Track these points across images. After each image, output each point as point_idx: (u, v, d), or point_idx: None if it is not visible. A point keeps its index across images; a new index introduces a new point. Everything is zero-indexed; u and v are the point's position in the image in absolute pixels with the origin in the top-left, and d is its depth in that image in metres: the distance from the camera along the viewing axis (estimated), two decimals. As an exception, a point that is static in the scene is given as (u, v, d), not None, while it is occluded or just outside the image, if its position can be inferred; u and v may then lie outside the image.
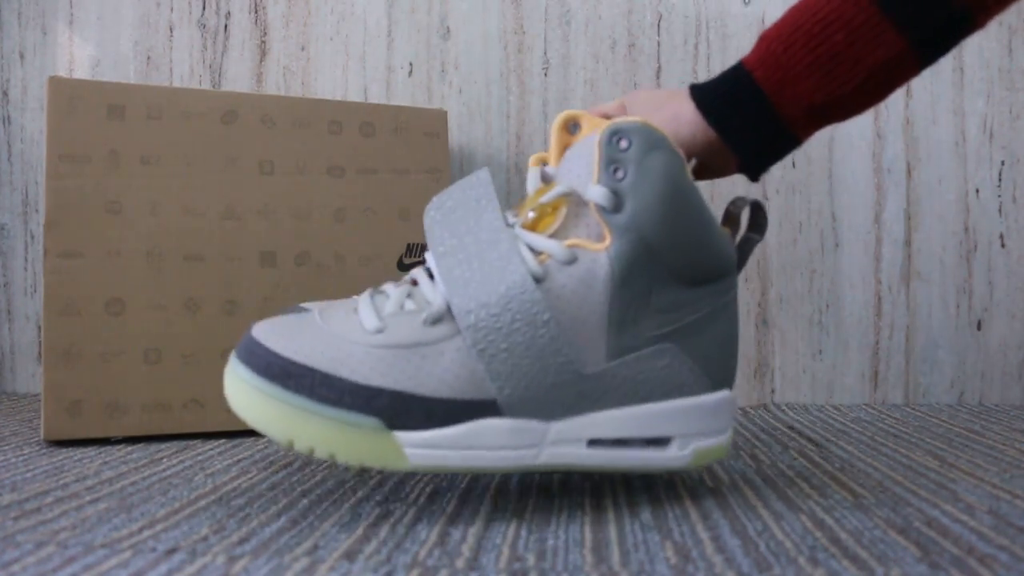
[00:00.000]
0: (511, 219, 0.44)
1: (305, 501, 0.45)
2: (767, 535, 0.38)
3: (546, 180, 0.45)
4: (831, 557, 0.35)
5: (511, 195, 0.83)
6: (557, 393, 0.40)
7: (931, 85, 0.80)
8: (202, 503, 0.44)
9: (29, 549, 0.36)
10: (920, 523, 0.40)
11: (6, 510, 0.42)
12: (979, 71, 0.80)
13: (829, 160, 0.81)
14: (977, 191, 0.80)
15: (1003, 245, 0.80)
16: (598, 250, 0.41)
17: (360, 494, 0.46)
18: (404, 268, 0.70)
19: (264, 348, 0.39)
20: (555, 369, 0.40)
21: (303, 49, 0.84)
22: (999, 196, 0.80)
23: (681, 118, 0.46)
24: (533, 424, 0.40)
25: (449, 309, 0.40)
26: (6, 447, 0.58)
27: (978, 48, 0.80)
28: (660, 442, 0.42)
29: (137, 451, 0.58)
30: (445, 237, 0.42)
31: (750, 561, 0.35)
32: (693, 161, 0.50)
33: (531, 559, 0.35)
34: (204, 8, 0.85)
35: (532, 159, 0.46)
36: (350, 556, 0.35)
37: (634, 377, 0.41)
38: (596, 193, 0.41)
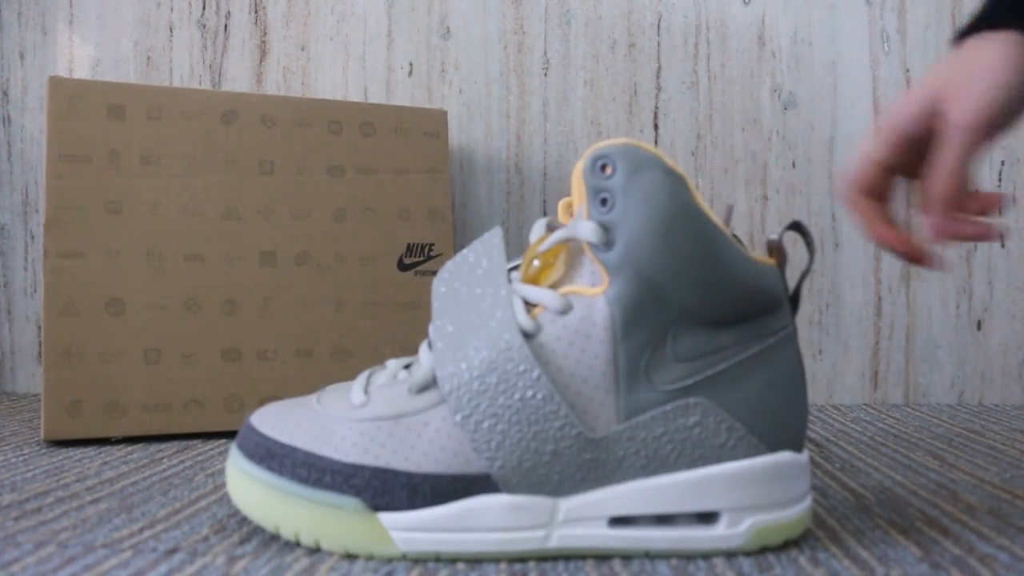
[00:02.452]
0: (513, 275, 0.39)
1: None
2: (768, 535, 0.38)
3: (552, 227, 0.40)
4: (832, 557, 0.35)
5: (510, 196, 0.83)
6: (561, 463, 0.35)
7: (931, 85, 0.80)
8: (202, 503, 0.44)
9: (29, 549, 0.36)
10: (920, 523, 0.40)
11: (6, 510, 0.42)
12: (979, 71, 0.80)
13: (829, 160, 0.81)
14: (977, 191, 0.80)
15: (1003, 245, 0.80)
16: (595, 294, 0.36)
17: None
18: (404, 268, 0.70)
19: (254, 431, 0.38)
20: (554, 434, 0.35)
21: (303, 49, 0.84)
22: (999, 196, 0.80)
23: (1014, 52, 0.36)
24: (538, 500, 0.35)
25: (435, 379, 0.37)
26: (6, 447, 0.58)
27: (978, 48, 0.80)
28: (706, 518, 0.36)
29: (137, 451, 0.58)
30: (446, 304, 0.38)
31: (751, 561, 0.35)
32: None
33: (532, 559, 0.35)
34: (204, 8, 0.85)
35: (560, 204, 0.41)
36: (350, 556, 0.35)
37: (657, 440, 0.35)
38: (585, 230, 0.36)
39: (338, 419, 0.37)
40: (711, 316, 0.36)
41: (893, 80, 0.81)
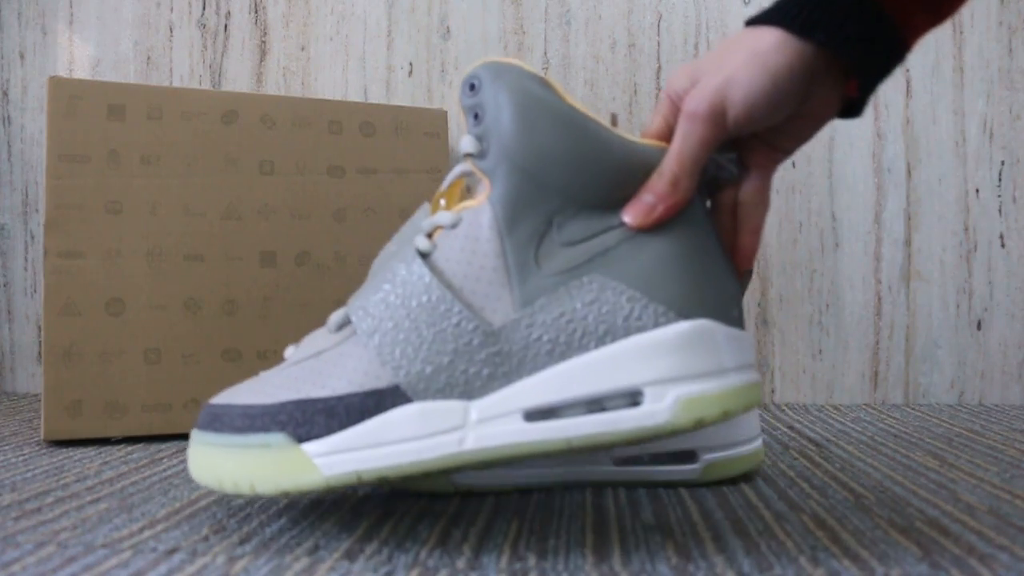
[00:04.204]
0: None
1: (306, 501, 0.44)
2: (768, 535, 0.38)
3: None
4: (832, 557, 0.35)
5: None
6: (465, 361, 0.35)
7: (931, 85, 0.80)
8: (203, 503, 0.44)
9: (29, 549, 0.36)
10: (920, 523, 0.40)
11: (6, 510, 0.42)
12: (979, 71, 0.80)
13: (829, 160, 0.81)
14: (977, 191, 0.80)
15: (1003, 245, 0.80)
16: (480, 202, 0.37)
17: (361, 494, 0.46)
18: (404, 268, 0.70)
19: (206, 406, 0.39)
20: (452, 332, 0.35)
21: (303, 49, 0.84)
22: (999, 196, 0.80)
23: (764, 49, 0.36)
24: (449, 404, 0.35)
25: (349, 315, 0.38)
26: (6, 447, 0.58)
27: (978, 48, 0.80)
28: (630, 400, 0.34)
29: (137, 451, 0.58)
30: (372, 271, 0.41)
31: (751, 561, 0.35)
32: (613, 117, 0.46)
33: (532, 559, 0.35)
34: (204, 8, 0.85)
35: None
36: (351, 556, 0.35)
37: (556, 322, 0.35)
38: (464, 145, 0.38)
39: (273, 373, 0.38)
40: (592, 199, 0.36)
41: (893, 80, 0.81)
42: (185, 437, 0.63)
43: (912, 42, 0.38)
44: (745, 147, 0.40)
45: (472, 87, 0.38)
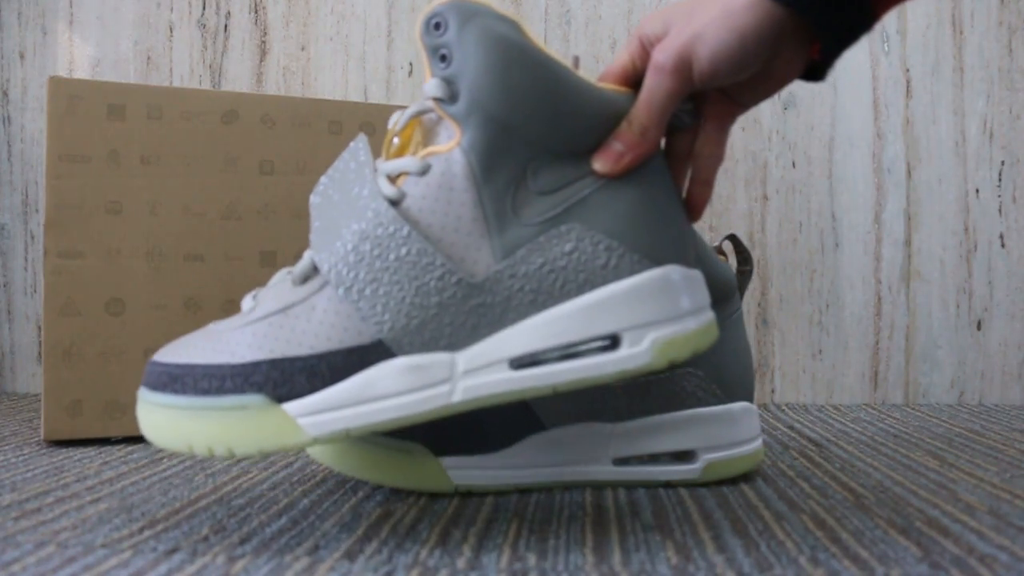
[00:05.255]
0: (378, 161, 0.40)
1: (305, 501, 0.44)
2: (768, 535, 0.38)
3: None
4: (832, 557, 0.35)
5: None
6: (449, 314, 0.35)
7: (931, 85, 0.80)
8: (202, 503, 0.44)
9: (29, 549, 0.36)
10: (920, 523, 0.40)
11: (6, 510, 0.42)
12: (979, 71, 0.80)
13: (829, 160, 0.81)
14: (977, 191, 0.80)
15: (1003, 245, 0.80)
16: (450, 148, 0.36)
17: (361, 494, 0.46)
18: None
19: (155, 364, 0.37)
20: (435, 285, 0.35)
21: (303, 49, 0.84)
22: (999, 196, 0.80)
23: (735, 9, 0.36)
24: (435, 357, 0.35)
25: (315, 266, 0.37)
26: (6, 447, 0.58)
27: (978, 48, 0.80)
28: (608, 343, 0.36)
29: (137, 451, 0.58)
30: (320, 210, 0.38)
31: (751, 561, 0.35)
32: (576, 59, 0.45)
33: (532, 559, 0.35)
34: (204, 8, 0.85)
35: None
36: (351, 556, 0.35)
37: (538, 272, 0.35)
38: (430, 88, 0.36)
39: (231, 329, 0.37)
40: (566, 147, 0.37)
41: (893, 80, 0.81)
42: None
43: (881, 12, 0.38)
44: (704, 99, 0.40)
45: (437, 26, 0.37)
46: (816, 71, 0.39)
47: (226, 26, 0.85)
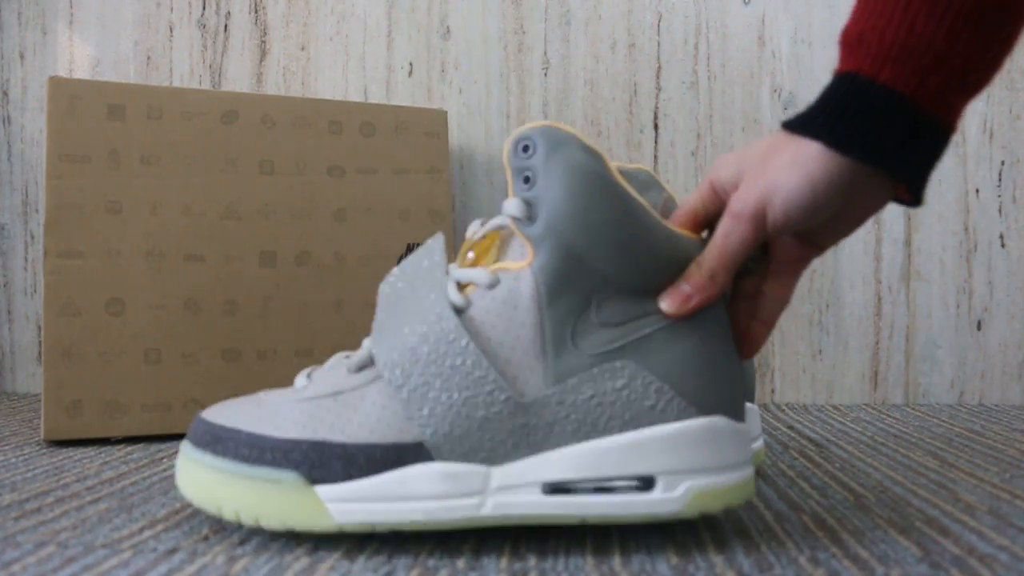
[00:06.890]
0: (451, 267, 0.40)
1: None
2: (768, 535, 0.38)
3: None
4: (832, 557, 0.35)
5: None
6: (493, 429, 0.35)
7: (931, 85, 0.80)
8: (202, 503, 0.44)
9: (29, 549, 0.36)
10: (920, 523, 0.40)
11: (6, 510, 0.42)
12: (979, 71, 0.80)
13: (829, 160, 0.81)
14: (977, 191, 0.80)
15: (1003, 245, 0.80)
16: (521, 267, 0.37)
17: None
18: (404, 268, 0.70)
19: (203, 422, 0.38)
20: (484, 400, 0.35)
21: (303, 49, 0.84)
22: (999, 196, 0.80)
23: (805, 159, 0.36)
24: (471, 468, 0.36)
25: (372, 357, 0.38)
26: (6, 447, 0.58)
27: (978, 48, 0.80)
28: (642, 484, 0.36)
29: (137, 451, 0.58)
30: (388, 302, 0.39)
31: (751, 561, 0.35)
32: (613, 163, 0.45)
33: (532, 559, 0.35)
34: (204, 8, 0.85)
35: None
36: (350, 556, 0.35)
37: (586, 403, 0.36)
38: (510, 207, 0.37)
39: (281, 403, 0.38)
40: (633, 283, 0.37)
41: (893, 80, 0.80)
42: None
43: (956, 124, 0.37)
44: (778, 244, 0.40)
45: (526, 148, 0.38)
46: (913, 198, 0.38)
47: (226, 26, 0.85)
